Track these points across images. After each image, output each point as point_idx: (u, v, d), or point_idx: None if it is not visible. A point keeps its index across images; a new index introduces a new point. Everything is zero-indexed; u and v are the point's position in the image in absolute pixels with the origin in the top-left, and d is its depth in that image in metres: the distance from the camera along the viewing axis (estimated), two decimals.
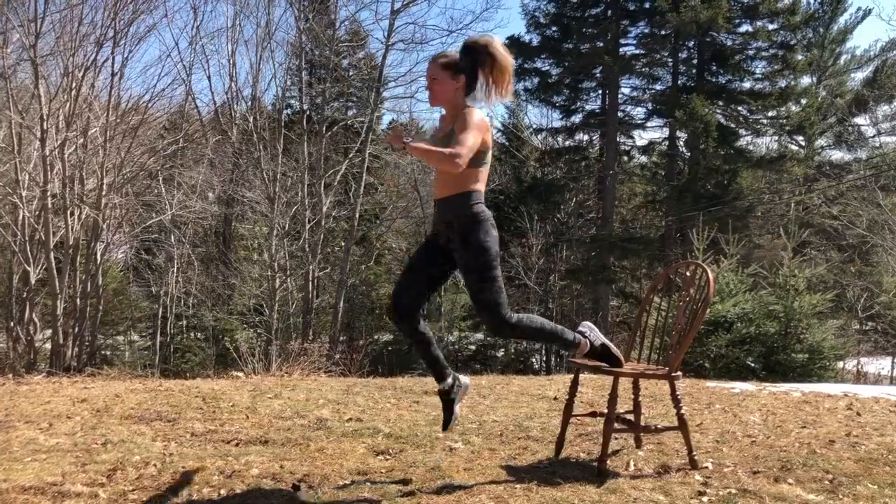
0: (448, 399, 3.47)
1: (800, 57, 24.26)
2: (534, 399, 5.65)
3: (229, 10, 35.83)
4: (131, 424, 4.60)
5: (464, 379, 3.54)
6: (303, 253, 20.61)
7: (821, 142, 27.66)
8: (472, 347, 24.61)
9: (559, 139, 27.72)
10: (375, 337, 24.34)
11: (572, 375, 3.86)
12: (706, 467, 3.56)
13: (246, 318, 21.40)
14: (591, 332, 3.59)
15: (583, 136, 27.66)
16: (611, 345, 3.60)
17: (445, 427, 3.51)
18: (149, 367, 14.84)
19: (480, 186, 3.28)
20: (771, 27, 24.10)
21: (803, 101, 24.56)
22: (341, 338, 21.99)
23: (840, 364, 11.28)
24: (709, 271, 3.59)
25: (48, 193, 14.42)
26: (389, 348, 23.08)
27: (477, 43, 3.28)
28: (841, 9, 27.37)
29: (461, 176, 3.21)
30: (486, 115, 3.26)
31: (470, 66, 3.27)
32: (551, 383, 6.68)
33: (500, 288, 3.23)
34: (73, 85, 15.15)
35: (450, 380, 3.46)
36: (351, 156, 21.90)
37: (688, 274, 3.79)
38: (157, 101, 19.46)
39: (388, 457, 3.84)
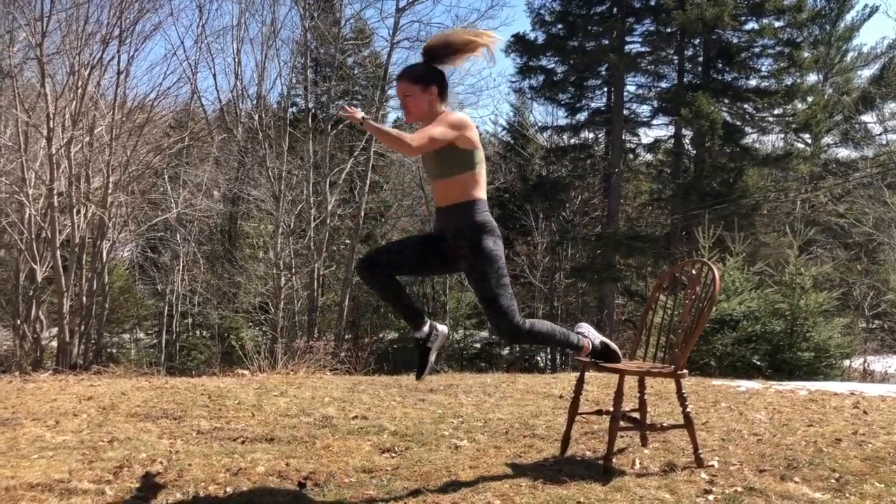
0: (424, 347, 3.40)
1: (806, 54, 24.16)
2: (539, 397, 5.65)
3: (235, 9, 35.93)
4: (137, 422, 4.61)
5: (441, 327, 3.44)
6: (308, 251, 20.64)
7: (827, 139, 27.59)
8: (477, 346, 24.62)
9: (564, 137, 27.68)
10: (381, 335, 24.36)
11: (578, 374, 3.85)
12: (712, 465, 3.55)
13: (251, 316, 21.44)
14: (590, 333, 3.64)
15: (588, 134, 27.63)
16: (609, 342, 3.66)
17: (419, 375, 3.43)
18: (154, 365, 14.88)
19: (483, 194, 3.28)
20: (777, 24, 24.00)
21: (809, 99, 24.47)
22: (346, 336, 22.02)
23: (846, 362, 11.24)
24: (715, 269, 3.58)
25: (54, 192, 14.46)
26: (395, 346, 23.12)
27: (432, 44, 3.25)
28: (848, 6, 27.28)
29: (462, 184, 3.21)
30: (467, 116, 3.22)
31: (436, 72, 3.25)
32: (557, 381, 6.67)
33: (512, 295, 3.26)
34: (79, 83, 15.19)
35: (426, 328, 3.38)
36: (356, 154, 21.92)
37: (693, 272, 3.78)
38: (162, 99, 19.54)
39: (393, 454, 3.85)
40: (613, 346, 3.64)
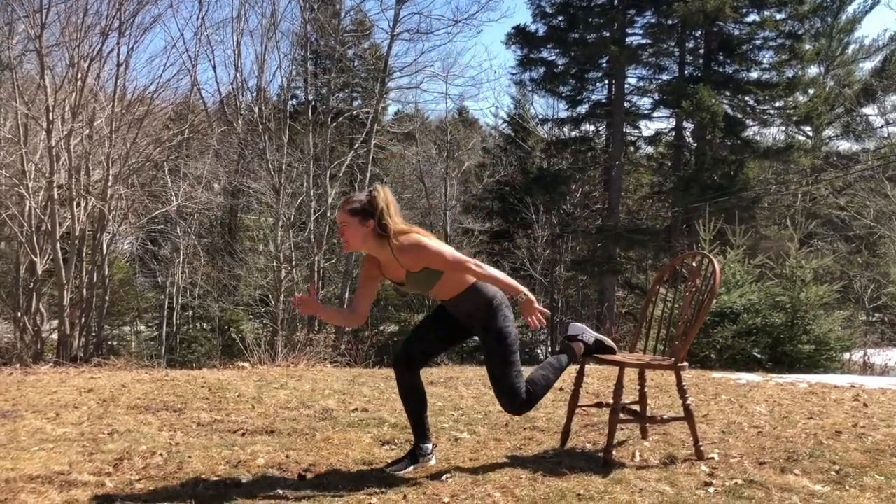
0: (415, 455, 3.45)
1: (807, 47, 24.08)
2: None
3: (234, 1, 35.79)
4: (137, 414, 4.61)
5: (433, 460, 3.50)
6: (308, 244, 20.63)
7: (828, 132, 27.52)
8: (477, 339, 24.59)
9: (565, 129, 27.63)
10: (381, 328, 24.36)
11: (578, 366, 3.85)
12: (712, 458, 3.55)
13: (252, 308, 21.45)
14: (584, 333, 3.69)
15: (589, 127, 27.59)
16: (603, 338, 3.72)
17: (393, 465, 3.43)
18: (155, 358, 14.91)
19: (471, 280, 3.33)
20: (779, 17, 23.93)
21: (811, 92, 24.42)
22: (346, 328, 22.01)
23: (847, 355, 11.22)
24: (715, 262, 3.58)
25: (54, 184, 14.44)
26: (395, 339, 23.11)
27: (380, 198, 3.25)
28: None
29: (451, 281, 3.30)
30: (421, 235, 3.27)
31: (376, 206, 3.25)
32: None
33: (519, 371, 3.35)
34: (79, 76, 15.15)
35: (429, 445, 3.49)
36: (356, 146, 21.89)
37: (694, 265, 3.78)
38: (162, 91, 19.47)
39: (393, 447, 3.85)
40: (609, 341, 3.69)
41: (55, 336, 15.78)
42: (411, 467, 3.40)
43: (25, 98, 14.87)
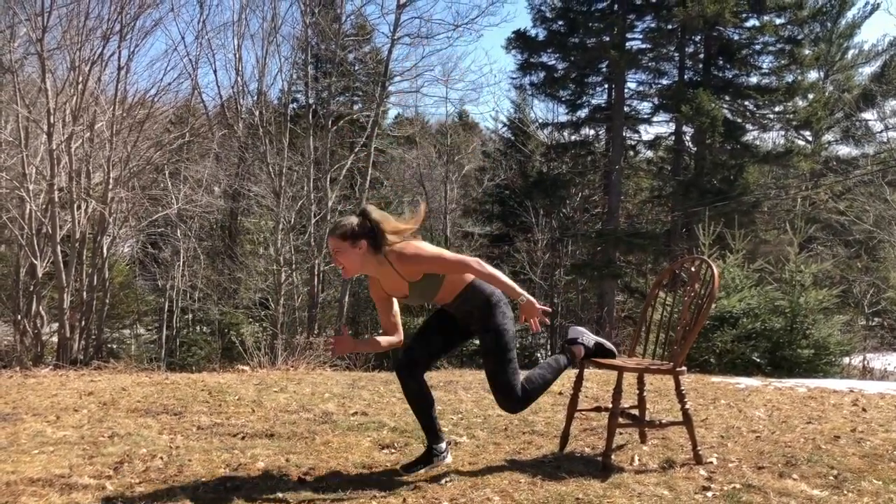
0: (430, 455, 3.47)
1: (807, 52, 24.13)
2: None
3: (235, 4, 35.86)
4: (138, 417, 4.62)
5: (448, 458, 3.52)
6: (308, 247, 20.62)
7: (828, 137, 27.55)
8: (476, 342, 24.57)
9: (565, 134, 27.65)
10: (381, 331, 24.32)
11: (577, 371, 3.86)
12: (711, 462, 3.56)
13: (251, 311, 21.44)
14: (583, 336, 3.71)
15: (589, 131, 27.62)
16: (603, 341, 3.74)
17: (408, 468, 3.43)
18: (155, 361, 14.91)
19: (470, 278, 3.37)
20: (778, 22, 23.97)
21: (810, 96, 24.45)
22: (347, 332, 21.97)
23: (846, 360, 11.22)
24: (714, 267, 3.59)
25: (55, 187, 14.45)
26: None
27: (372, 216, 3.26)
28: (849, 3, 27.17)
29: (450, 284, 3.34)
30: (418, 244, 3.29)
31: (366, 227, 3.26)
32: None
33: (516, 368, 3.38)
34: (80, 79, 15.17)
35: (443, 444, 3.51)
36: (356, 150, 21.88)
37: (693, 269, 3.79)
38: (163, 95, 19.46)
39: (393, 450, 3.86)
40: (609, 345, 3.71)
41: (55, 339, 15.78)
42: (425, 468, 3.41)
43: (27, 101, 14.89)
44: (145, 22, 17.16)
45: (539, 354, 24.45)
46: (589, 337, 3.69)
